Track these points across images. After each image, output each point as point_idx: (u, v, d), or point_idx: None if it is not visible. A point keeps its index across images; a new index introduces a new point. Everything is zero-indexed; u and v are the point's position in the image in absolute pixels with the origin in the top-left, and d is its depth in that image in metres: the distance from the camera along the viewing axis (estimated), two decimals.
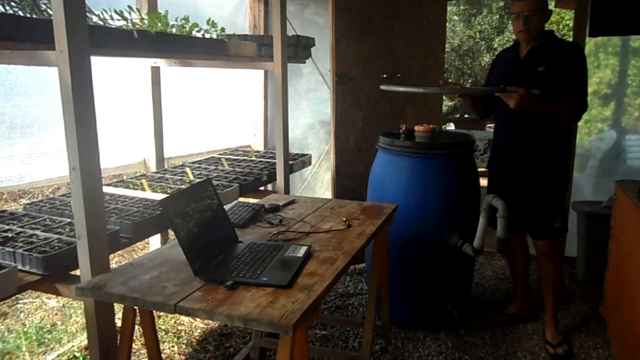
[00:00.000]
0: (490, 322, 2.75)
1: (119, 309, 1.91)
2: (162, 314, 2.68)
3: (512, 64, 2.49)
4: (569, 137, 2.51)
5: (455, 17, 10.91)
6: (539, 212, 2.46)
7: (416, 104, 3.54)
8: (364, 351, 2.22)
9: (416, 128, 2.67)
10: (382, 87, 2.69)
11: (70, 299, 2.57)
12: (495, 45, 10.67)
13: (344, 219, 2.07)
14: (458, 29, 10.93)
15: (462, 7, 10.78)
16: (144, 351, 2.35)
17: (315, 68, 3.90)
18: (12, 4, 1.59)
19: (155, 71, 2.85)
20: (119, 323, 1.61)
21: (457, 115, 9.24)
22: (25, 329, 2.63)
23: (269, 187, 3.15)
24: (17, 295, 2.48)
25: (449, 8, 3.86)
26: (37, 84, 2.28)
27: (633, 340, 2.09)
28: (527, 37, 2.37)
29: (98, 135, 1.48)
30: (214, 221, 1.70)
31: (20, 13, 1.60)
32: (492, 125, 2.97)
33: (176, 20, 2.18)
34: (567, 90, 2.31)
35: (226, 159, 3.16)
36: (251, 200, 2.53)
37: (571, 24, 3.40)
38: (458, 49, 11.00)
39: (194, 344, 2.55)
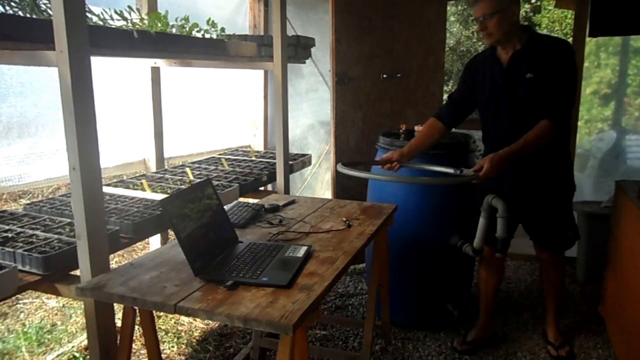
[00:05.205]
0: (457, 351, 2.50)
1: (119, 309, 1.91)
2: (162, 314, 2.68)
3: (495, 72, 2.25)
4: (567, 147, 2.37)
5: (452, 18, 10.89)
6: (555, 229, 2.34)
7: (416, 104, 3.54)
8: (364, 351, 2.22)
9: (416, 128, 2.67)
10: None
11: (70, 299, 2.58)
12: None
13: (344, 219, 2.07)
14: (455, 29, 10.91)
15: (459, 8, 10.76)
16: (144, 351, 2.35)
17: (315, 68, 3.90)
18: (12, 4, 1.59)
19: (155, 71, 2.85)
20: (119, 323, 1.61)
21: None
22: (25, 329, 2.63)
23: (269, 187, 3.15)
24: (17, 296, 2.48)
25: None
26: (33, 84, 2.28)
27: (638, 341, 2.08)
28: (491, 40, 2.18)
29: (98, 135, 1.48)
30: (214, 221, 1.70)
31: (20, 13, 1.60)
32: None
33: (176, 20, 2.18)
34: (548, 99, 2.09)
35: (226, 159, 3.15)
36: (251, 200, 2.52)
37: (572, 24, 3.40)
38: (455, 50, 10.98)
39: (194, 344, 2.55)
